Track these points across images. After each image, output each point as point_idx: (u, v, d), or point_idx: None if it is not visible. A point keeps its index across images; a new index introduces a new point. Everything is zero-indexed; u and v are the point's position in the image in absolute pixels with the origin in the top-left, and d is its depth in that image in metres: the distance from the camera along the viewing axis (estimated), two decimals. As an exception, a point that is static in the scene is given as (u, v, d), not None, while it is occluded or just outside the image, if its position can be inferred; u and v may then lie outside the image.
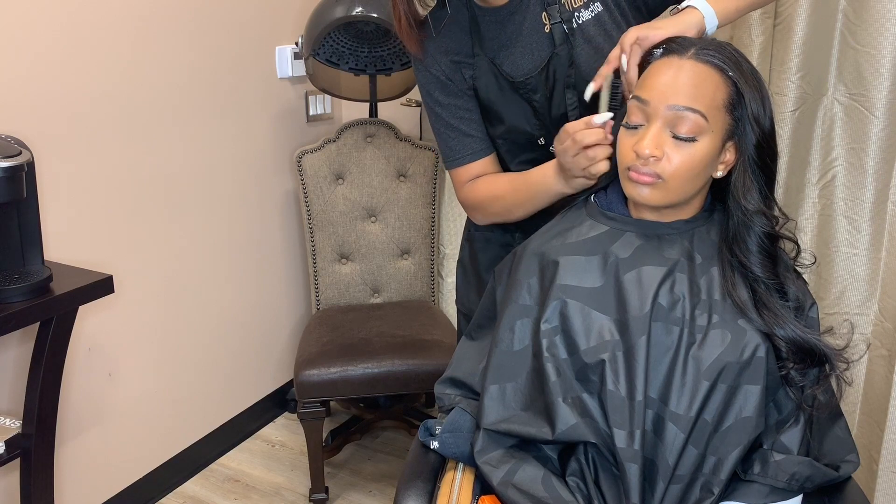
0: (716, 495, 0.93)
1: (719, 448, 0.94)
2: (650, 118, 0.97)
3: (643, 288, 0.98)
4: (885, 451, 1.53)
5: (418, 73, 1.29)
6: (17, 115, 1.55)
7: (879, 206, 1.55)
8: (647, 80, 0.99)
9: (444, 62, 1.25)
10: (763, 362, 0.94)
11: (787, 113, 1.53)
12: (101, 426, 1.85)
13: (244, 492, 2.08)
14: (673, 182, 0.97)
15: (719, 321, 0.95)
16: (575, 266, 1.02)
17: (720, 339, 0.94)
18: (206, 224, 2.08)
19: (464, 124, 1.28)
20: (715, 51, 0.98)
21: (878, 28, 1.45)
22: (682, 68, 0.96)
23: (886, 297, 1.56)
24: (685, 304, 0.97)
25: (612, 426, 0.94)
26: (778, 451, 0.95)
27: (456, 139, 1.29)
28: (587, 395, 0.97)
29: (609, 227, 1.04)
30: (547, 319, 1.00)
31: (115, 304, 1.82)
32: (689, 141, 0.95)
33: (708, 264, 1.00)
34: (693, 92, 0.95)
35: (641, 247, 1.01)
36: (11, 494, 1.62)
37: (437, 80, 1.26)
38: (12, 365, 1.63)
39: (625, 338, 0.96)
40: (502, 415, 1.02)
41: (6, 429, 1.51)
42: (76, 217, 1.71)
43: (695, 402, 0.93)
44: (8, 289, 1.34)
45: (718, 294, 0.97)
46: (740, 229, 0.99)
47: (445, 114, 1.28)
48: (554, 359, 0.99)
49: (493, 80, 1.23)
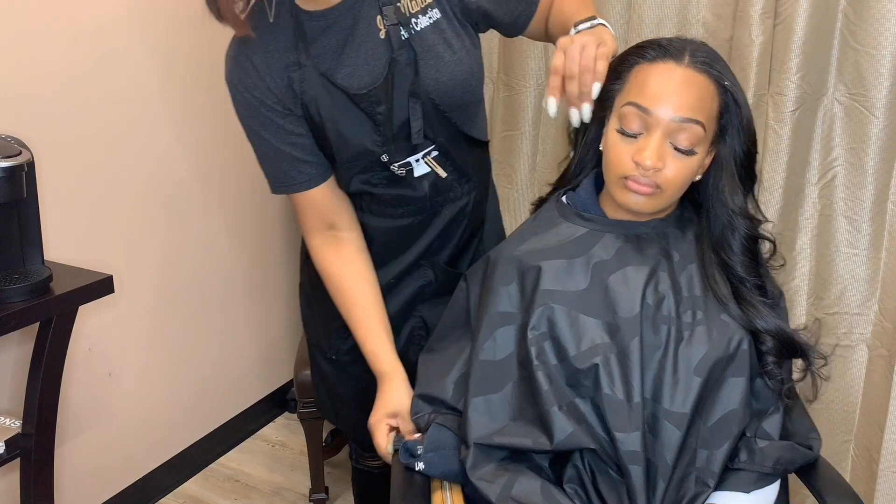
0: (712, 488, 0.95)
1: (710, 441, 0.96)
2: (651, 128, 0.95)
3: (630, 289, 0.98)
4: (885, 451, 1.53)
5: (237, 93, 1.11)
6: (17, 115, 1.55)
7: (879, 206, 1.55)
8: (648, 88, 0.96)
9: (273, 75, 1.08)
10: (747, 355, 0.97)
11: (787, 113, 1.53)
12: (101, 426, 1.85)
13: (244, 492, 2.08)
14: (669, 191, 0.98)
15: (703, 317, 0.98)
16: (558, 270, 1.01)
17: (706, 335, 0.97)
18: (207, 224, 2.07)
19: (296, 149, 1.13)
20: (707, 57, 0.98)
21: (879, 28, 1.45)
22: (684, 78, 0.96)
23: (886, 297, 1.56)
24: (670, 303, 0.98)
25: (612, 430, 0.93)
26: (761, 438, 0.98)
27: (287, 164, 1.14)
28: (580, 401, 0.96)
29: (588, 229, 1.04)
30: (534, 326, 0.99)
31: (115, 304, 1.82)
32: (688, 153, 0.96)
33: (685, 262, 1.01)
34: (696, 104, 0.95)
35: (622, 248, 1.01)
36: (11, 494, 1.62)
37: (259, 101, 1.09)
38: (12, 365, 1.63)
39: (616, 340, 0.96)
40: (491, 427, 0.99)
41: (6, 429, 1.51)
42: (76, 217, 1.71)
43: (688, 398, 0.95)
44: (8, 289, 1.34)
45: (699, 290, 0.99)
46: (725, 231, 1.01)
47: (273, 137, 1.12)
48: (544, 366, 0.97)
49: (325, 94, 1.08)
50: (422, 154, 1.16)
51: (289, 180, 1.16)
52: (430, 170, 1.18)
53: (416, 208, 1.21)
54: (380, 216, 1.23)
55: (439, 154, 1.17)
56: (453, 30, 1.11)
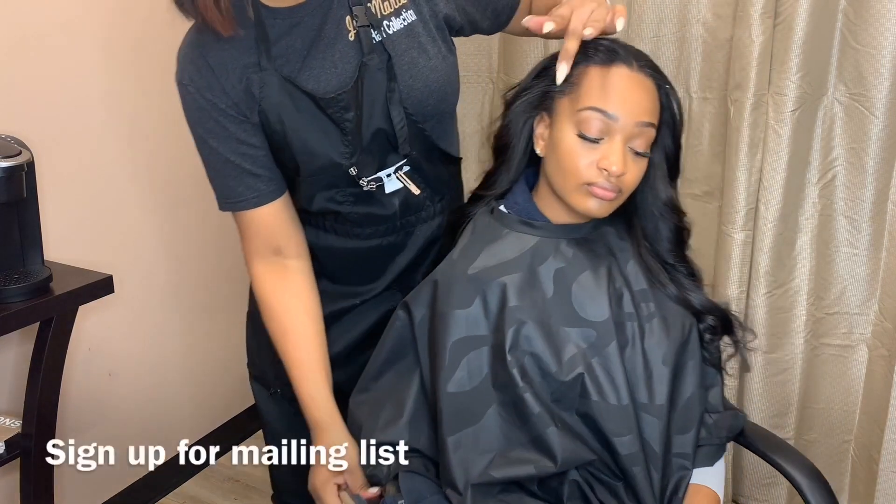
0: (691, 469, 0.98)
1: (682, 425, 0.99)
2: (613, 133, 0.94)
3: (595, 292, 0.98)
4: (885, 451, 1.53)
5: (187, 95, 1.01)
6: (17, 115, 1.55)
7: (879, 206, 1.55)
8: (610, 92, 0.94)
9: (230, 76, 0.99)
10: (696, 337, 1.01)
11: (787, 113, 1.53)
12: (101, 426, 1.85)
13: (244, 492, 2.08)
14: (626, 194, 0.98)
15: (656, 308, 1.00)
16: (521, 284, 0.98)
17: (662, 325, 0.99)
18: (207, 223, 2.07)
19: (247, 161, 1.02)
20: (648, 60, 0.98)
21: (879, 28, 1.45)
22: (639, 82, 0.96)
23: (886, 297, 1.56)
24: (627, 299, 1.00)
25: (609, 435, 0.93)
26: (709, 412, 1.04)
27: (234, 178, 1.04)
28: (567, 414, 0.95)
29: (539, 237, 1.01)
30: (512, 347, 0.95)
31: (115, 304, 1.82)
32: (644, 156, 0.97)
33: (626, 257, 1.03)
34: (651, 108, 0.96)
35: (576, 252, 1.01)
36: (11, 494, 1.62)
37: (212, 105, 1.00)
38: (12, 365, 1.63)
39: (594, 346, 0.96)
40: (482, 463, 0.94)
41: (6, 429, 1.51)
42: (76, 217, 1.71)
43: (663, 389, 0.97)
44: (8, 289, 1.34)
45: (645, 283, 1.02)
46: (658, 223, 1.03)
47: (222, 146, 1.02)
48: (531, 386, 0.94)
49: (288, 99, 0.99)
50: (393, 168, 1.07)
51: (234, 196, 1.05)
52: (403, 185, 1.09)
53: (386, 228, 1.12)
54: (346, 237, 1.13)
55: (411, 169, 1.08)
56: (429, 34, 1.04)
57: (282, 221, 1.08)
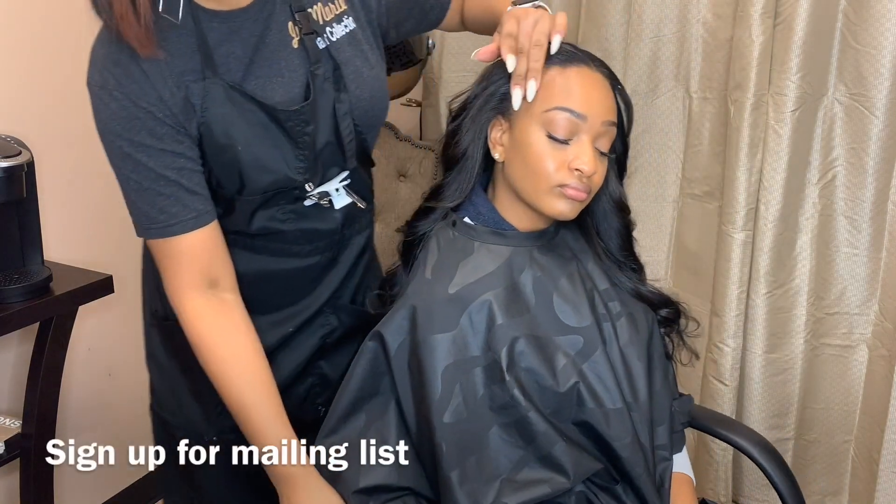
0: (671, 459, 1.01)
1: (659, 417, 1.01)
2: (581, 133, 0.93)
3: (575, 299, 0.98)
4: (885, 451, 1.53)
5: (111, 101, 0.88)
6: (17, 115, 1.55)
7: (879, 206, 1.55)
8: (576, 92, 0.93)
9: (167, 83, 0.89)
10: (658, 330, 1.05)
11: (787, 113, 1.53)
12: (101, 426, 1.85)
13: (244, 492, 2.07)
14: (592, 194, 0.98)
15: (621, 307, 1.01)
16: (506, 299, 0.95)
17: (630, 322, 1.01)
18: (206, 224, 2.08)
19: (184, 177, 0.91)
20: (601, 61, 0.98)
21: (879, 28, 1.45)
22: (600, 81, 0.96)
23: (886, 297, 1.56)
24: (598, 301, 1.00)
25: (609, 440, 0.93)
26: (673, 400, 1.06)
27: (171, 198, 0.91)
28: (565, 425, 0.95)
29: (512, 248, 0.99)
30: (509, 366, 0.92)
31: (115, 304, 1.82)
32: (606, 155, 0.98)
33: (587, 258, 1.04)
34: (612, 106, 0.97)
35: (547, 259, 1.00)
36: (11, 494, 1.62)
37: (147, 113, 0.88)
38: (12, 365, 1.63)
39: (582, 353, 0.96)
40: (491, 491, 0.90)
41: (6, 429, 1.51)
42: (76, 217, 1.71)
43: (642, 385, 0.98)
44: (8, 289, 1.34)
45: (607, 282, 1.03)
46: (609, 220, 1.05)
47: (154, 163, 0.89)
48: (533, 405, 0.92)
49: (234, 111, 0.90)
50: (339, 181, 1.02)
51: (167, 219, 0.91)
52: (351, 200, 1.04)
53: (327, 243, 1.05)
54: (283, 256, 1.03)
55: (352, 181, 1.04)
56: (367, 41, 1.01)
57: (217, 248, 0.96)
